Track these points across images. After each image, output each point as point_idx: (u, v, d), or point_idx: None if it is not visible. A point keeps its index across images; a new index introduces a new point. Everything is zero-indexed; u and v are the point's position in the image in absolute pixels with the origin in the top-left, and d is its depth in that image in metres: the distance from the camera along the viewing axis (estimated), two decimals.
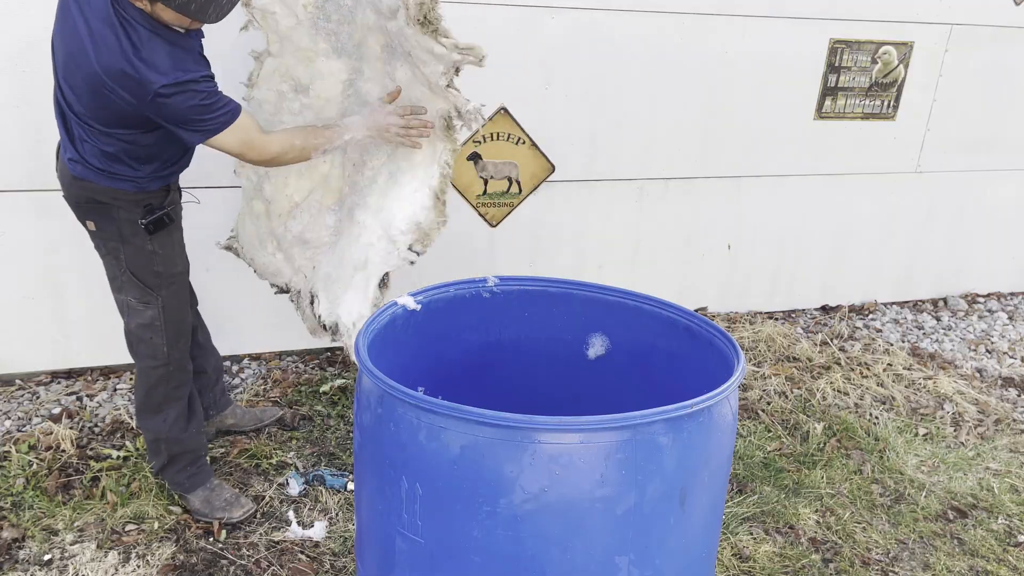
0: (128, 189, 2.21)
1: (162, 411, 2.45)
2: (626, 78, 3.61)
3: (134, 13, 2.00)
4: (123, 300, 2.36)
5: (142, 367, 2.43)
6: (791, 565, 2.50)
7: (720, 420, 1.61)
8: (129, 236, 2.26)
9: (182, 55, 2.07)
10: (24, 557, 2.36)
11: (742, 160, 3.98)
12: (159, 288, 2.34)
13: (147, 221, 2.25)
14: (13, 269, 3.05)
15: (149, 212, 2.26)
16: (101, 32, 1.98)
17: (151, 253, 2.30)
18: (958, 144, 4.37)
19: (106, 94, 2.02)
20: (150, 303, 2.34)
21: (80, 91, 2.06)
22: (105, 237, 2.28)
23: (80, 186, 2.21)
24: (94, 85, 2.02)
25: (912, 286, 4.66)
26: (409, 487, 1.54)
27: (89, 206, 2.24)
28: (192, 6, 2.00)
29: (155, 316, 2.36)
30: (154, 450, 2.53)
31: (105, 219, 2.25)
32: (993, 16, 4.12)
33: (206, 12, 2.03)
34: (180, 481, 2.55)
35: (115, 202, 2.22)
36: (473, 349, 2.16)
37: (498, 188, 3.60)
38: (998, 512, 2.82)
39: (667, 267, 4.07)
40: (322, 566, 2.40)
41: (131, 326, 2.38)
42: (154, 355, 2.40)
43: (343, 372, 3.47)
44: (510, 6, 3.32)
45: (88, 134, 2.13)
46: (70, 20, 2.02)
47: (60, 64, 2.08)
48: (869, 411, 3.41)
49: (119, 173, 2.18)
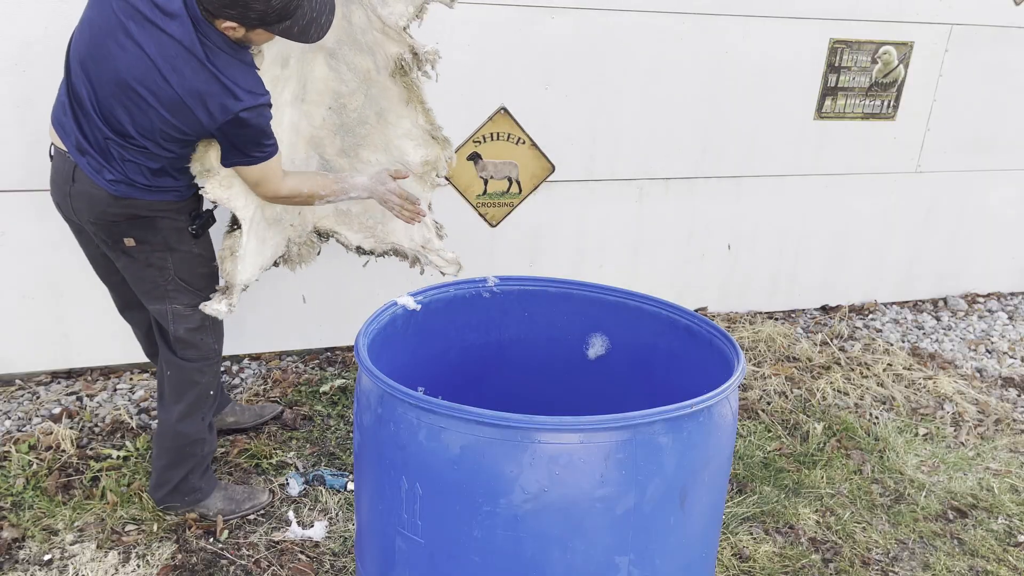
0: (172, 199, 2.23)
1: (200, 410, 2.46)
2: (626, 78, 3.61)
3: (217, 39, 2.02)
4: (165, 309, 2.34)
5: (194, 368, 2.41)
6: (791, 565, 2.50)
7: (720, 420, 1.61)
8: (176, 244, 2.28)
9: (255, 76, 2.11)
10: (24, 557, 2.36)
11: (742, 160, 3.98)
12: (206, 289, 2.37)
13: (196, 226, 2.29)
14: (13, 269, 3.05)
15: (195, 218, 2.30)
16: (182, 56, 1.98)
17: (197, 256, 2.34)
18: (958, 144, 4.37)
19: (181, 114, 2.03)
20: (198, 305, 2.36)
21: (143, 112, 2.04)
22: (149, 250, 2.27)
23: (122, 204, 2.18)
24: (169, 106, 2.02)
25: (912, 286, 4.66)
26: (409, 487, 1.54)
27: (129, 223, 2.22)
28: (295, 29, 2.03)
29: (205, 317, 2.37)
30: (183, 457, 2.45)
31: (149, 232, 2.24)
32: (993, 16, 4.12)
33: (308, 33, 2.07)
34: (198, 487, 2.51)
35: (159, 214, 2.23)
36: (473, 349, 2.16)
37: (498, 188, 3.60)
38: (998, 512, 2.82)
39: (667, 267, 4.07)
40: (322, 566, 2.40)
41: (179, 332, 2.37)
42: (206, 356, 2.43)
43: (343, 372, 3.47)
44: (510, 6, 3.32)
45: (133, 154, 2.12)
46: (129, 46, 2.00)
47: (111, 91, 2.04)
48: (869, 411, 3.41)
49: (163, 186, 2.20)
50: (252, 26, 2.00)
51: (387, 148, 2.62)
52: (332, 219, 2.74)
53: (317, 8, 2.04)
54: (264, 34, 2.05)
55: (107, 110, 2.08)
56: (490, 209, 3.62)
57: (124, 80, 2.02)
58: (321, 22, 2.07)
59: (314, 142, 2.63)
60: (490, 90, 3.41)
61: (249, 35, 2.04)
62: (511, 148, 3.55)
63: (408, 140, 2.60)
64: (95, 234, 2.27)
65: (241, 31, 2.02)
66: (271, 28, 2.02)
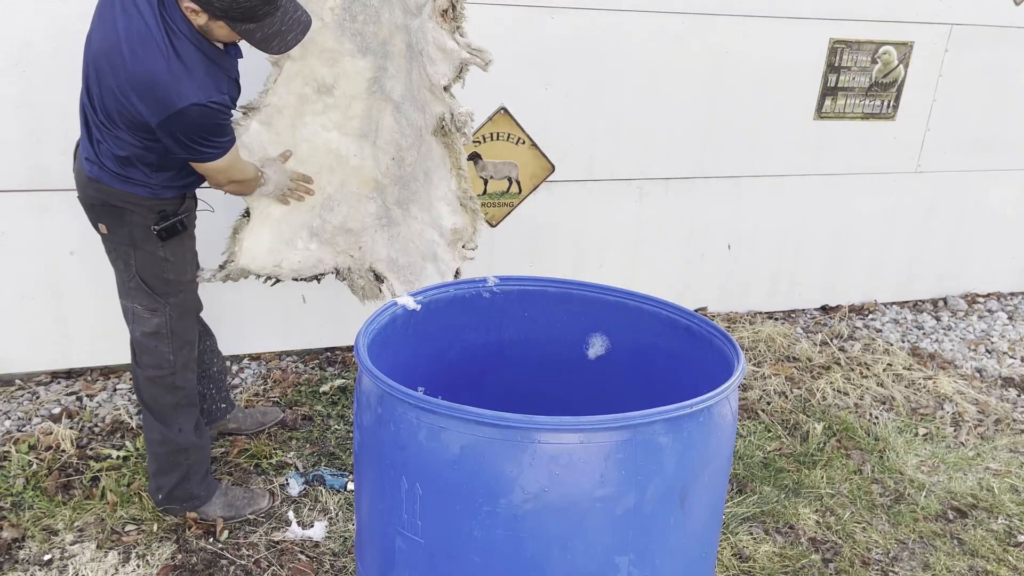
0: (142, 194, 2.19)
1: (176, 421, 2.41)
2: (626, 78, 3.61)
3: (180, 24, 1.98)
4: (129, 307, 2.33)
5: (147, 377, 2.37)
6: (791, 565, 2.50)
7: (720, 420, 1.61)
8: (140, 241, 2.23)
9: (217, 74, 2.07)
10: (24, 557, 2.36)
11: (742, 160, 3.98)
12: (167, 296, 2.31)
13: (160, 227, 2.23)
14: (13, 269, 3.05)
15: (163, 218, 2.23)
16: (144, 36, 1.95)
17: (162, 260, 2.28)
18: (958, 144, 4.37)
19: (127, 97, 1.99)
20: (157, 311, 2.31)
21: (105, 90, 2.03)
22: (116, 242, 2.25)
23: (95, 187, 2.18)
24: (122, 85, 1.98)
25: (912, 286, 4.66)
26: (409, 487, 1.54)
27: (102, 209, 2.21)
28: (258, 34, 2.00)
29: (161, 324, 2.33)
30: (170, 465, 2.44)
31: (117, 223, 2.22)
32: (993, 16, 4.12)
33: (269, 43, 2.04)
34: (196, 494, 2.50)
35: (128, 206, 2.19)
36: (473, 349, 2.16)
37: (498, 188, 3.60)
38: (998, 512, 2.82)
39: (667, 267, 4.07)
40: (322, 566, 2.40)
41: (136, 334, 2.34)
42: (159, 364, 2.36)
43: (343, 372, 3.47)
44: (510, 6, 3.32)
45: (104, 136, 2.11)
46: (109, 19, 1.99)
47: (91, 61, 2.05)
48: (869, 411, 3.41)
49: (132, 178, 2.16)
50: (214, 15, 1.96)
51: (429, 208, 2.64)
52: (385, 264, 2.77)
53: (288, 23, 2.02)
54: (225, 29, 2.00)
55: (91, 86, 2.08)
56: (490, 209, 3.62)
57: (96, 52, 2.02)
58: (288, 38, 2.04)
59: (378, 186, 2.67)
60: (490, 90, 3.41)
61: (211, 24, 2.00)
62: (511, 148, 3.55)
63: (444, 204, 2.64)
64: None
65: (203, 17, 1.98)
66: (234, 26, 1.98)
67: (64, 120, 2.85)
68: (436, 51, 2.28)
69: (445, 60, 2.30)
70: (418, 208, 2.65)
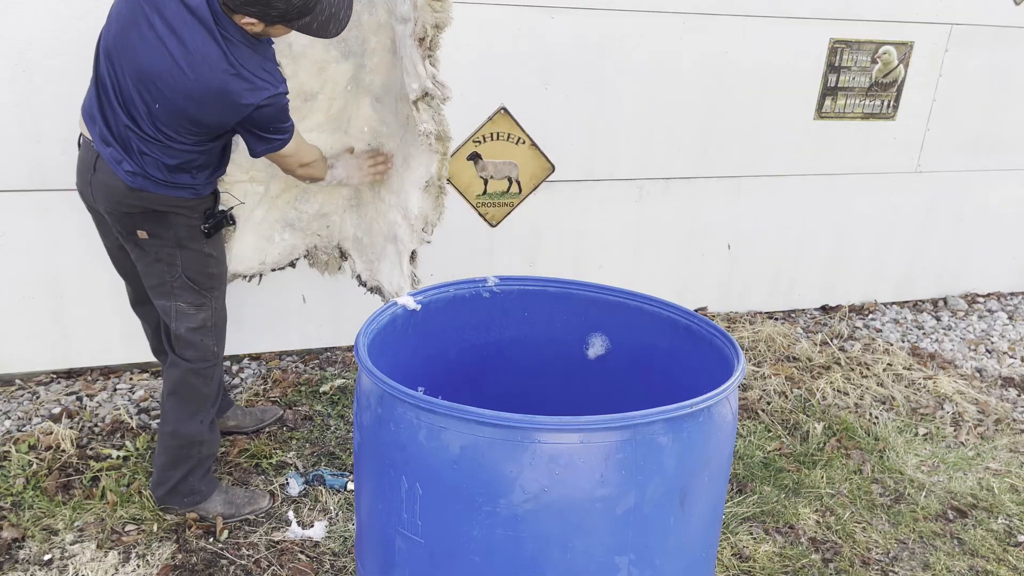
0: (187, 196, 2.25)
1: (199, 412, 2.46)
2: (626, 78, 3.61)
3: (235, 33, 2.04)
4: (170, 306, 2.36)
5: (190, 369, 2.41)
6: (791, 565, 2.50)
7: (720, 420, 1.61)
8: (187, 241, 2.29)
9: (273, 67, 2.15)
10: (24, 557, 2.36)
11: (742, 160, 3.98)
12: (212, 290, 2.38)
13: (208, 226, 2.31)
14: (13, 269, 3.05)
15: (209, 216, 2.31)
16: (203, 50, 2.01)
17: (207, 256, 2.35)
18: (958, 144, 4.37)
19: (202, 109, 2.06)
20: (203, 305, 2.38)
21: (161, 107, 2.06)
22: (160, 244, 2.28)
23: (137, 196, 2.20)
24: (190, 100, 2.04)
25: (912, 286, 4.66)
26: (409, 487, 1.54)
27: (143, 216, 2.24)
28: (314, 25, 2.06)
29: (207, 318, 2.39)
30: (181, 457, 2.46)
31: (162, 226, 2.26)
32: (993, 16, 4.12)
33: (327, 30, 2.10)
34: (198, 489, 2.51)
35: (174, 210, 2.24)
36: (473, 349, 2.16)
37: (498, 188, 3.60)
38: (998, 512, 2.82)
39: (667, 267, 4.07)
40: (322, 566, 2.40)
41: (180, 331, 2.38)
42: (205, 356, 2.42)
43: (343, 372, 3.47)
44: (510, 6, 3.32)
45: (152, 148, 2.14)
46: (151, 39, 2.02)
47: (131, 78, 2.07)
48: (869, 411, 3.41)
49: (179, 183, 2.21)
50: (272, 22, 2.03)
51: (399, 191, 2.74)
52: (351, 242, 2.89)
53: (336, 3, 2.06)
54: (283, 29, 2.08)
55: (128, 101, 2.10)
56: (490, 209, 3.62)
57: (144, 71, 2.04)
58: (340, 17, 2.10)
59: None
60: (490, 90, 3.41)
61: (268, 30, 2.07)
62: (511, 148, 3.55)
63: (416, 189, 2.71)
64: (112, 224, 2.30)
65: (260, 26, 2.05)
66: (291, 24, 2.05)
67: (64, 120, 2.85)
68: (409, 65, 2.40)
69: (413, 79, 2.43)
70: (387, 191, 2.75)
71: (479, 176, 3.55)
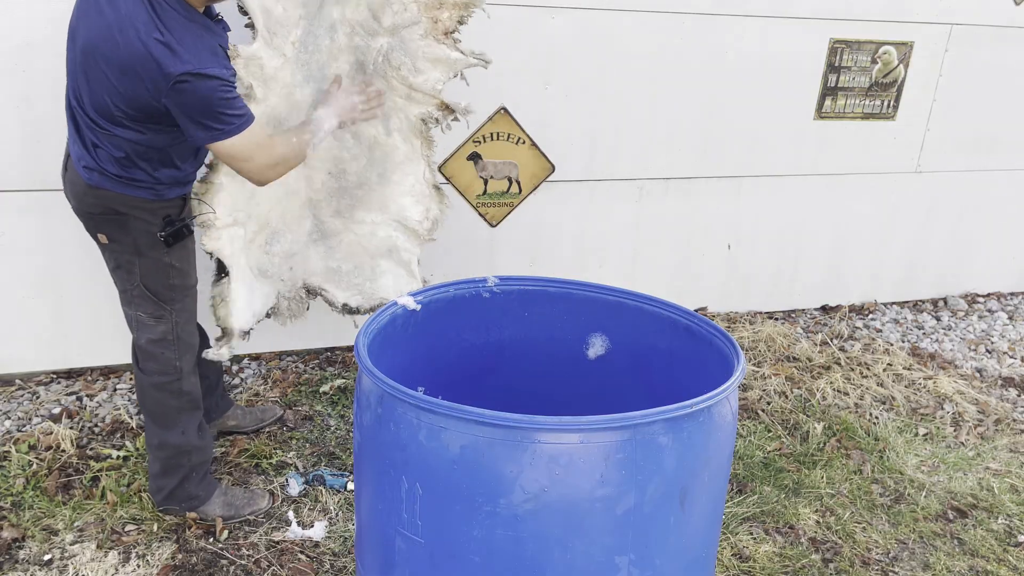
0: (146, 197, 2.15)
1: (178, 424, 2.40)
2: (626, 78, 3.61)
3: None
4: (133, 315, 2.29)
5: (151, 383, 2.35)
6: (791, 565, 2.50)
7: (720, 420, 1.61)
8: (145, 249, 2.20)
9: (212, 45, 2.03)
10: (24, 557, 2.36)
11: (742, 160, 3.98)
12: (173, 302, 2.28)
13: (167, 233, 2.18)
14: (13, 269, 3.05)
15: (168, 223, 2.19)
16: (131, 13, 1.91)
17: (167, 266, 2.24)
18: (958, 144, 4.37)
19: (128, 81, 1.95)
20: (163, 317, 2.28)
21: (98, 85, 1.99)
22: (118, 250, 2.20)
23: (96, 195, 2.13)
24: (118, 71, 1.94)
25: (912, 286, 4.65)
26: (409, 487, 1.54)
27: (104, 217, 2.16)
28: None
29: (167, 331, 2.30)
30: (172, 467, 2.44)
31: (120, 231, 2.17)
32: (993, 16, 4.12)
33: None
34: (196, 494, 2.49)
35: (132, 212, 2.15)
36: (473, 349, 2.16)
37: (498, 188, 3.60)
38: (998, 512, 2.82)
39: (667, 267, 4.07)
40: (322, 566, 2.40)
41: (141, 342, 2.31)
42: (165, 370, 2.34)
43: (343, 372, 3.47)
44: (510, 6, 3.32)
45: (100, 138, 2.07)
46: (94, 13, 1.96)
47: (79, 55, 2.00)
48: (869, 411, 3.41)
49: (136, 179, 2.13)
50: None
51: (385, 207, 2.73)
52: (321, 276, 2.82)
53: None
54: None
55: (80, 86, 2.03)
56: (490, 209, 3.62)
57: (86, 46, 1.97)
58: None
59: (311, 204, 2.73)
60: (490, 90, 3.41)
61: None
62: (511, 148, 3.55)
63: (410, 197, 2.73)
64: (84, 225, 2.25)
65: None
66: None
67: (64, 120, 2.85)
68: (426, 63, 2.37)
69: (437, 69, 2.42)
70: (365, 211, 2.73)
71: (479, 176, 3.55)
